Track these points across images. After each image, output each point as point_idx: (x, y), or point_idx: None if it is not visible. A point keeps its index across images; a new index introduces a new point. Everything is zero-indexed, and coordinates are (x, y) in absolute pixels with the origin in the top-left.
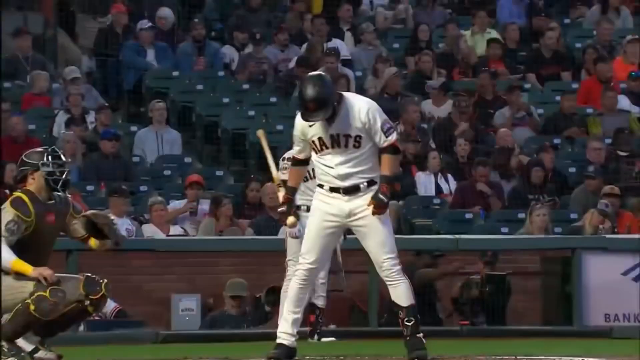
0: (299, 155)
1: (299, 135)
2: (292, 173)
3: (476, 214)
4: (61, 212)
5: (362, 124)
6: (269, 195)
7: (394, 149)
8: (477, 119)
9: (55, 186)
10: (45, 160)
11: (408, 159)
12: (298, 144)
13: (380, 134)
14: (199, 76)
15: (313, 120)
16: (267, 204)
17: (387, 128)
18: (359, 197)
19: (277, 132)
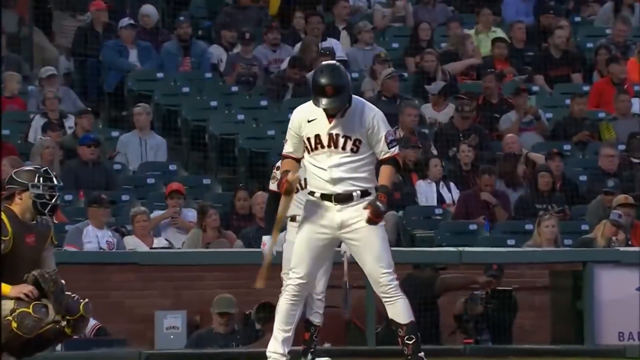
0: (291, 155)
1: (295, 131)
2: (285, 163)
3: (480, 225)
4: (42, 235)
5: (365, 128)
6: (259, 205)
7: (395, 163)
8: (482, 124)
9: (42, 210)
10: (36, 181)
11: (408, 166)
12: (291, 141)
13: (383, 144)
14: (184, 78)
15: (329, 108)
16: (257, 215)
17: (390, 140)
18: (352, 207)
19: (268, 137)
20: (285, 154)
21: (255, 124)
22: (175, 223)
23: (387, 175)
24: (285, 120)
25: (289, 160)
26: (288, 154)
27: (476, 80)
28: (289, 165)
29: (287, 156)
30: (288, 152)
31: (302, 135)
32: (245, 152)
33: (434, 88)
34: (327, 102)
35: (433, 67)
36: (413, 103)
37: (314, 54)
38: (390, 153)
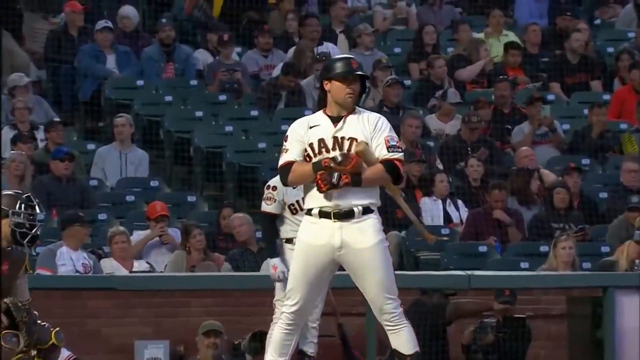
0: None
1: (297, 138)
2: (297, 164)
3: (491, 247)
4: (16, 262)
5: (369, 129)
6: (237, 229)
7: (391, 167)
8: (492, 136)
9: (21, 240)
10: (17, 208)
11: (411, 182)
12: (294, 147)
13: (383, 146)
14: (167, 85)
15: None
16: (237, 238)
17: (392, 144)
18: (353, 224)
19: (259, 151)
20: (289, 161)
21: (244, 136)
22: (166, 241)
23: (372, 169)
24: (279, 132)
25: (297, 162)
26: (292, 160)
27: (487, 88)
28: (299, 163)
29: (292, 161)
30: (291, 159)
31: (306, 141)
32: (234, 167)
33: (452, 97)
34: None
35: (442, 74)
36: (415, 113)
37: (308, 59)
38: (388, 156)
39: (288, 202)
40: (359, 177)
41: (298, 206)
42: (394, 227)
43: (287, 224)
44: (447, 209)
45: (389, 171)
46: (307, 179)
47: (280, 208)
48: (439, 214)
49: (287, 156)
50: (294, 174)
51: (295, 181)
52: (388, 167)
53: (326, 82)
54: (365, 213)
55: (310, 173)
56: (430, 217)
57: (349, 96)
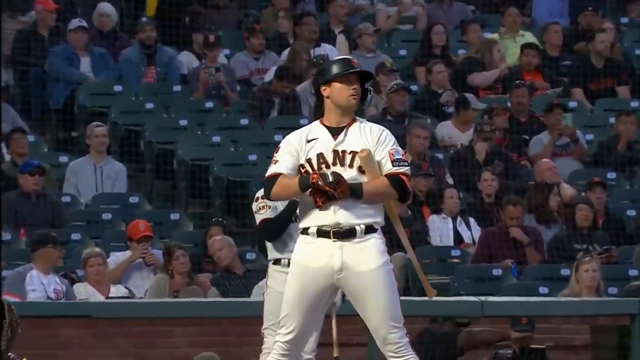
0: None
1: (290, 150)
2: (284, 178)
3: (507, 270)
4: None
5: (371, 142)
6: (216, 254)
7: (397, 182)
8: (508, 147)
9: None
10: None
11: (418, 198)
12: (286, 158)
13: (387, 160)
14: (148, 91)
15: (361, 69)
16: (218, 263)
17: (397, 158)
18: (354, 244)
19: (250, 163)
20: (276, 173)
21: (233, 147)
22: (150, 261)
23: (375, 182)
24: (271, 142)
25: (284, 176)
26: (280, 173)
27: (501, 94)
28: (286, 176)
29: (279, 174)
30: (277, 172)
31: (301, 156)
32: (222, 182)
33: (474, 103)
34: (357, 67)
35: (442, 80)
36: (423, 122)
37: (304, 62)
38: (393, 170)
39: None
40: (360, 191)
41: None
42: (399, 248)
43: (274, 242)
44: (458, 227)
45: (395, 186)
46: (292, 195)
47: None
48: (448, 233)
49: (275, 168)
50: (279, 186)
51: (279, 195)
52: (393, 182)
53: (324, 87)
54: (368, 232)
55: (296, 189)
56: (438, 237)
57: (353, 97)
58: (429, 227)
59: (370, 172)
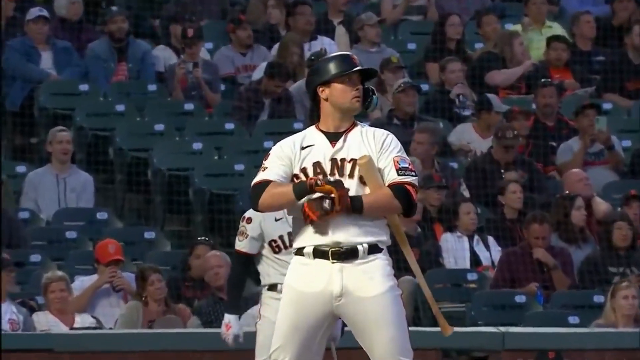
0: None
1: (282, 157)
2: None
3: (531, 296)
4: None
5: (374, 148)
6: (214, 270)
7: (403, 192)
8: (532, 155)
9: None
10: None
11: (429, 214)
12: (276, 164)
13: (391, 168)
14: (119, 91)
15: (365, 67)
16: (212, 282)
17: (403, 166)
18: (356, 266)
19: (236, 174)
20: (265, 179)
21: (217, 155)
22: (119, 286)
23: (376, 193)
24: (260, 150)
25: (275, 183)
26: (270, 179)
27: (525, 95)
28: (278, 183)
29: (269, 180)
30: (269, 178)
31: (295, 164)
32: (204, 195)
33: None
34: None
35: (455, 80)
36: (427, 125)
37: (298, 57)
38: (397, 180)
39: (268, 237)
40: (360, 204)
41: (281, 242)
42: (408, 270)
43: (268, 266)
44: (475, 247)
45: (399, 197)
46: (284, 204)
47: (257, 246)
48: (464, 254)
49: (264, 174)
50: (268, 195)
51: (269, 205)
52: (398, 192)
53: (321, 89)
54: (372, 252)
55: (290, 197)
56: (452, 259)
57: (356, 99)
58: (442, 247)
59: (370, 181)
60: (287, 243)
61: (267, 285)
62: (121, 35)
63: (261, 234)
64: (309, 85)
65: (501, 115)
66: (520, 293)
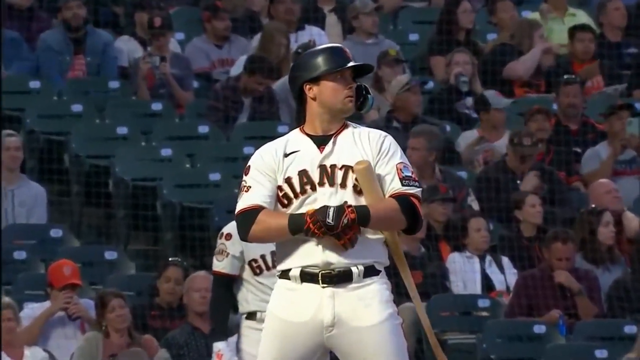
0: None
1: (264, 170)
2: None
3: (552, 326)
4: None
5: (371, 152)
6: (201, 293)
7: (408, 205)
8: (553, 163)
9: None
10: None
11: (434, 231)
12: (260, 185)
13: (394, 177)
14: (76, 89)
15: (359, 63)
16: (193, 308)
17: (406, 175)
18: (350, 292)
19: (211, 184)
20: (253, 205)
21: (189, 163)
22: (75, 313)
23: (382, 204)
24: (239, 157)
25: (267, 211)
26: (258, 205)
27: (545, 93)
28: (270, 212)
29: (258, 206)
30: (257, 203)
31: (278, 176)
32: (174, 208)
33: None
34: (349, 62)
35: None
36: (425, 129)
37: (283, 50)
38: (402, 190)
39: (248, 256)
40: (367, 215)
41: (263, 263)
42: (409, 296)
43: (247, 291)
44: (487, 270)
45: (404, 211)
46: (278, 238)
47: (239, 266)
48: (474, 277)
49: (249, 198)
50: (260, 227)
51: (261, 238)
52: (403, 205)
53: (308, 86)
54: (369, 275)
55: (284, 232)
56: (461, 282)
57: (349, 99)
58: (449, 268)
59: (369, 191)
60: (269, 263)
61: (245, 313)
62: (78, 24)
63: (242, 252)
64: (293, 82)
65: (505, 112)
66: (539, 322)
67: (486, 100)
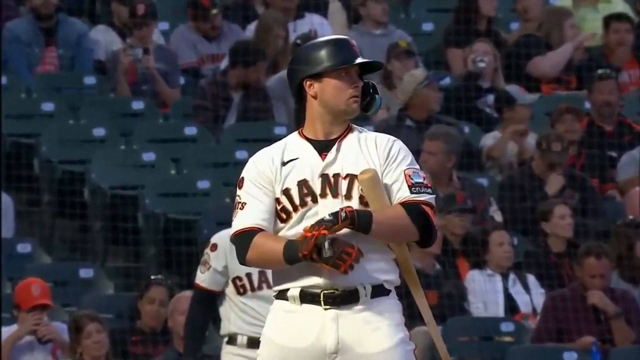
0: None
1: (260, 183)
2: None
3: (585, 353)
4: None
5: (378, 159)
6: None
7: (419, 213)
8: (585, 169)
9: None
10: None
11: (450, 245)
12: (257, 201)
13: (403, 184)
14: (46, 85)
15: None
16: (180, 333)
17: (417, 181)
18: (356, 314)
19: (199, 193)
20: (249, 228)
21: (174, 169)
22: (45, 336)
23: (388, 211)
24: (230, 162)
25: (263, 234)
26: (255, 226)
27: (576, 90)
28: (267, 235)
29: (254, 229)
30: (254, 225)
31: (274, 190)
32: (157, 220)
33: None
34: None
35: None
36: (442, 131)
37: (280, 42)
38: (411, 198)
39: (232, 272)
40: (368, 221)
41: (248, 282)
42: (423, 319)
43: (230, 309)
44: (511, 289)
45: (415, 220)
46: (274, 266)
47: (221, 282)
48: (496, 297)
49: (244, 218)
50: (256, 253)
51: (258, 264)
52: (412, 213)
53: (309, 83)
54: (377, 295)
55: (279, 261)
56: (482, 304)
57: (354, 100)
58: (468, 288)
59: (375, 202)
60: (254, 284)
61: (226, 335)
62: (49, 12)
63: (226, 267)
64: (292, 76)
65: (531, 109)
66: (570, 349)
67: (509, 95)
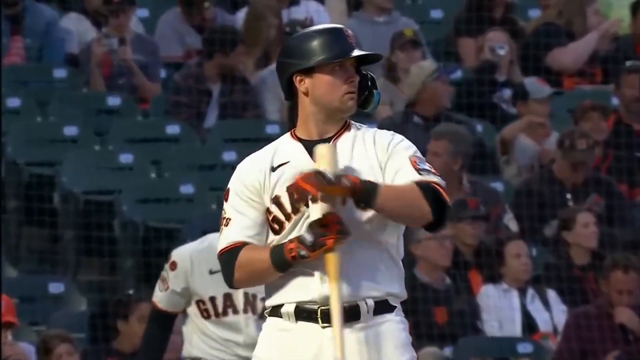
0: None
1: (247, 194)
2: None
3: None
4: None
5: (379, 155)
6: None
7: (433, 192)
8: (612, 172)
9: None
10: None
11: (462, 257)
12: (240, 215)
13: (409, 168)
14: (13, 79)
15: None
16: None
17: (423, 167)
18: (358, 332)
19: (182, 199)
20: (234, 243)
21: (154, 172)
22: (10, 358)
23: (398, 187)
24: (217, 165)
25: (248, 247)
26: (239, 242)
27: (601, 84)
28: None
29: (238, 244)
30: (238, 240)
31: (262, 201)
32: (135, 229)
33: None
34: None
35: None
36: (449, 129)
37: (272, 31)
38: (420, 179)
39: (195, 295)
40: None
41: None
42: (431, 338)
43: (193, 331)
44: (529, 306)
45: (427, 196)
46: (267, 280)
47: (180, 303)
48: (513, 314)
49: (228, 235)
50: (243, 272)
51: (247, 284)
52: (425, 190)
53: (299, 78)
54: (381, 312)
55: (271, 272)
56: (496, 322)
57: (350, 96)
58: (481, 305)
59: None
60: (219, 309)
61: (187, 358)
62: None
63: (186, 288)
64: (281, 70)
65: (549, 103)
66: None
67: (525, 89)
